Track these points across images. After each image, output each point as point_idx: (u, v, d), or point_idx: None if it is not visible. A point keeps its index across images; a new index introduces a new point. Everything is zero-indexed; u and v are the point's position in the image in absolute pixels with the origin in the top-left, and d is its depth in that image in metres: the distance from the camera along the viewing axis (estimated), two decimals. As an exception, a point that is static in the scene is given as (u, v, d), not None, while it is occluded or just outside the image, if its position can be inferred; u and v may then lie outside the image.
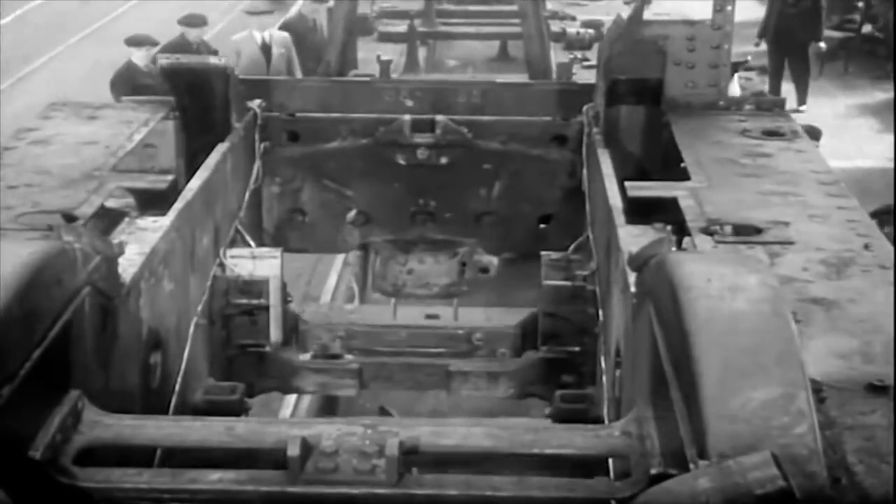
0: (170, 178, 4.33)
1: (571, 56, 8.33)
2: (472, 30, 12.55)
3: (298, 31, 12.24)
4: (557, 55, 8.92)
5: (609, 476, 3.30)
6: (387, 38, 11.09)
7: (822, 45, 15.76)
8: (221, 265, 4.75)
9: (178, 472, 2.60)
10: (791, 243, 3.50)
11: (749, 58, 12.86)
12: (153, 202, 4.17)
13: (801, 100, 15.39)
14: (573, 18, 10.85)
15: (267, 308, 4.82)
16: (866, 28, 18.17)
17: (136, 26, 12.62)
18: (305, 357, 5.13)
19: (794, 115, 5.12)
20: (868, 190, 8.12)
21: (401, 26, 11.54)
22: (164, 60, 5.03)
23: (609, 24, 5.82)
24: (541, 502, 2.50)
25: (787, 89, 15.06)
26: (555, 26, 9.74)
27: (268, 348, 4.92)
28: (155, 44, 10.47)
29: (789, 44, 15.38)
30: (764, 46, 15.65)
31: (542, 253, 4.94)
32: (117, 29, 16.80)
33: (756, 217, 3.72)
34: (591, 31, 9.24)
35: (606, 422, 3.80)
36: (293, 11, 12.29)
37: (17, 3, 21.62)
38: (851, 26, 18.25)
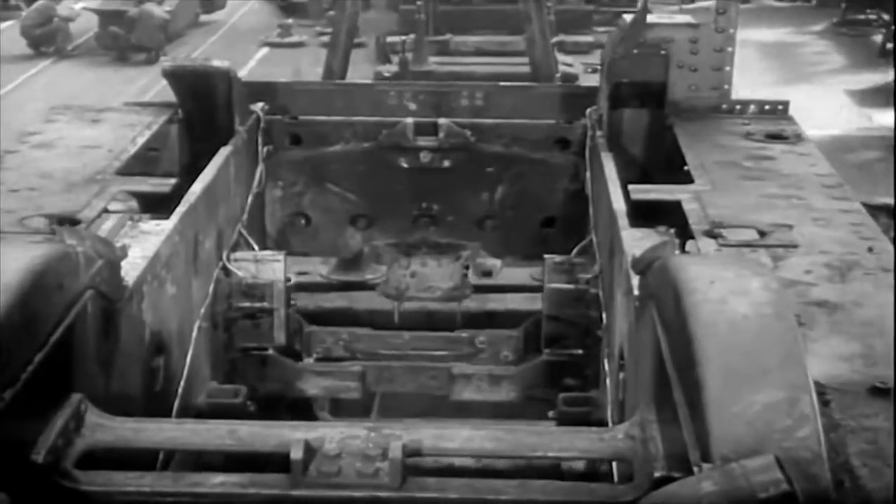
0: (173, 181, 4.32)
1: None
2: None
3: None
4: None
5: (612, 479, 3.31)
6: None
7: None
8: (224, 268, 4.75)
9: (180, 476, 2.60)
10: (794, 246, 3.49)
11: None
12: (156, 206, 4.17)
13: None
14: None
15: (270, 311, 4.83)
16: None
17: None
18: (308, 360, 5.13)
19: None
20: None
21: None
22: (167, 64, 5.03)
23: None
24: None
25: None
26: None
27: (271, 351, 4.93)
28: None
29: None
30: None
31: (546, 256, 4.94)
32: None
33: (759, 220, 3.71)
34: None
35: (610, 425, 3.80)
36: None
37: None
38: None
